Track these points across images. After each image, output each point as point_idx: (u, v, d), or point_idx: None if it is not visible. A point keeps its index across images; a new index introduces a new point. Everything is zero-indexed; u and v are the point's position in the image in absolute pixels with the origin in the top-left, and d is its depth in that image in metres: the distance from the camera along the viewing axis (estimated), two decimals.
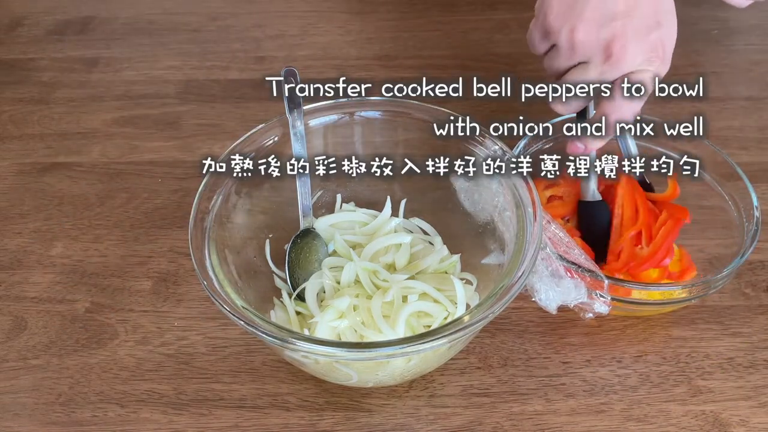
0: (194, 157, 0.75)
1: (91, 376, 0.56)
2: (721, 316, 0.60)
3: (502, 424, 0.53)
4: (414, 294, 0.55)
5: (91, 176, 0.73)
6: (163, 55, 0.89)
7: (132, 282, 0.63)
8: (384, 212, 0.62)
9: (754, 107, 0.80)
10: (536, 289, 0.53)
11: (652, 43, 0.54)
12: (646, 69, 0.54)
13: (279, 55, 0.88)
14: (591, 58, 0.55)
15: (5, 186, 0.72)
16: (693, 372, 0.56)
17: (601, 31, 0.54)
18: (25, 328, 0.60)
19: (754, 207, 0.58)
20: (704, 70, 0.84)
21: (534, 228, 0.51)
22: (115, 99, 0.82)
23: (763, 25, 0.92)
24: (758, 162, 0.73)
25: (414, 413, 0.54)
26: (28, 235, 0.67)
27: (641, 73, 0.54)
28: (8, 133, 0.78)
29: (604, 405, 0.54)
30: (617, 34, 0.53)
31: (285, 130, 0.57)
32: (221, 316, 0.59)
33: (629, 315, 0.59)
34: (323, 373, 0.52)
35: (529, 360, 0.57)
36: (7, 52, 0.90)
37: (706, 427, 0.53)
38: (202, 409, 0.54)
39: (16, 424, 0.54)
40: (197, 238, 0.51)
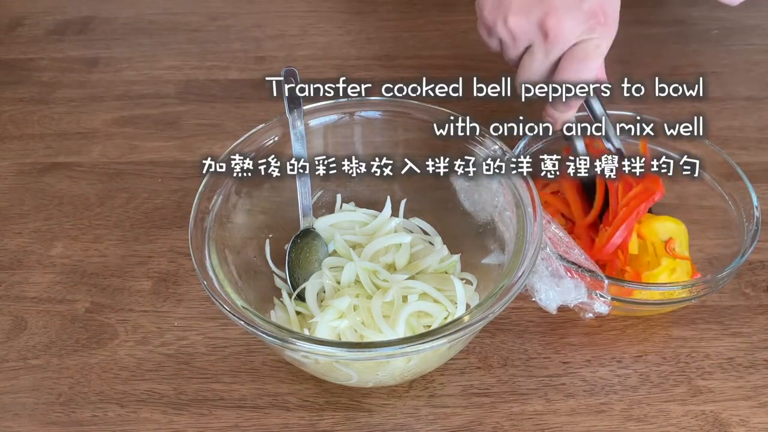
0: (194, 157, 0.75)
1: (91, 376, 0.56)
2: (721, 316, 0.60)
3: (502, 424, 0.53)
4: (414, 294, 0.55)
5: (91, 176, 0.73)
6: (163, 55, 0.89)
7: (132, 282, 0.63)
8: (384, 212, 0.62)
9: (754, 107, 0.80)
10: (536, 289, 0.53)
11: (588, 11, 0.54)
12: (590, 38, 0.54)
13: (279, 55, 0.88)
14: (533, 42, 0.55)
15: (5, 186, 0.72)
16: (693, 372, 0.56)
17: (532, 13, 0.54)
18: (25, 328, 0.60)
19: (754, 207, 0.58)
20: (704, 70, 0.84)
21: (534, 228, 0.51)
22: (115, 99, 0.82)
23: (763, 25, 0.92)
24: (758, 162, 0.73)
25: (414, 413, 0.54)
26: (28, 235, 0.67)
27: (585, 42, 0.54)
28: (8, 133, 0.78)
29: (604, 405, 0.54)
30: (548, 12, 0.54)
31: (285, 130, 0.57)
32: (221, 316, 0.59)
33: (629, 315, 0.59)
34: (323, 373, 0.52)
35: (529, 360, 0.57)
36: (7, 52, 0.90)
37: (706, 427, 0.53)
38: (202, 409, 0.54)
39: (16, 424, 0.54)
40: (197, 238, 0.51)
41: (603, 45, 0.55)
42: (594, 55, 0.55)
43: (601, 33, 0.54)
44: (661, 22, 0.91)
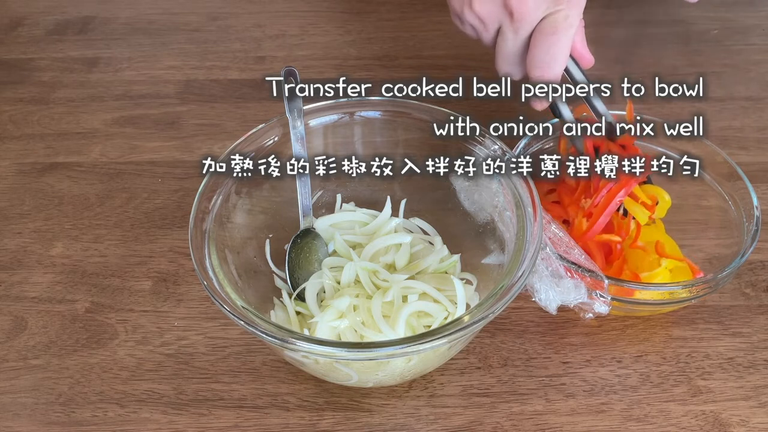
0: (194, 157, 0.75)
1: (91, 376, 0.56)
2: (721, 316, 0.60)
3: (502, 424, 0.53)
4: (414, 294, 0.55)
5: (91, 176, 0.73)
6: (163, 55, 0.89)
7: (132, 282, 0.63)
8: (384, 212, 0.62)
9: (754, 107, 0.80)
10: (536, 289, 0.53)
11: None
12: (556, 10, 0.54)
13: (279, 55, 0.88)
14: (501, 22, 0.56)
15: (5, 186, 0.72)
16: (693, 372, 0.56)
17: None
18: (25, 328, 0.60)
19: (754, 207, 0.58)
20: (704, 70, 0.84)
21: (534, 228, 0.51)
22: (115, 99, 0.82)
23: (763, 25, 0.92)
24: (758, 162, 0.73)
25: (414, 413, 0.54)
26: (28, 235, 0.67)
27: (552, 15, 0.54)
28: (8, 133, 0.78)
29: (604, 405, 0.54)
30: None
31: (285, 130, 0.57)
32: (221, 316, 0.59)
33: (629, 315, 0.59)
34: (323, 373, 0.52)
35: (529, 360, 0.57)
36: (7, 52, 0.90)
37: (706, 427, 0.53)
38: (202, 409, 0.54)
39: (16, 424, 0.54)
40: (197, 238, 0.51)
41: (572, 15, 0.55)
42: (563, 26, 0.54)
43: (567, 4, 0.54)
44: (661, 22, 0.91)
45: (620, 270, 0.58)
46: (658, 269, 0.57)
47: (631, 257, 0.59)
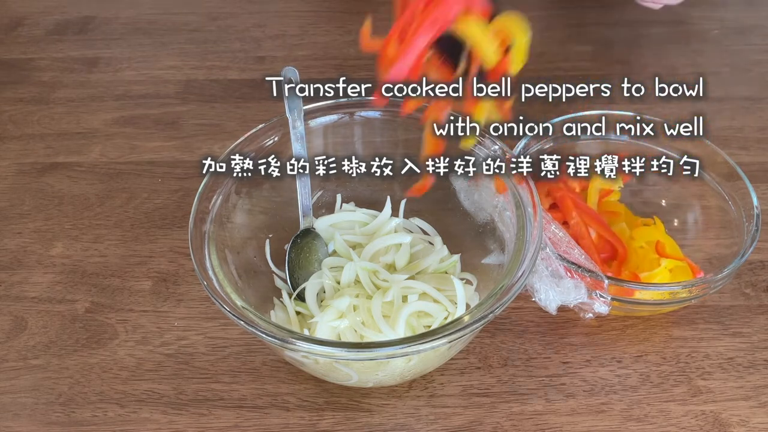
0: (194, 157, 0.75)
1: (91, 376, 0.56)
2: (721, 316, 0.60)
3: (502, 424, 0.53)
4: (414, 294, 0.55)
5: (91, 176, 0.73)
6: (163, 55, 0.89)
7: (132, 282, 0.63)
8: (384, 212, 0.62)
9: (754, 107, 0.80)
10: (536, 289, 0.53)
11: None
12: None
13: (279, 55, 0.88)
14: None
15: (5, 186, 0.72)
16: (693, 372, 0.56)
17: None
18: (25, 328, 0.60)
19: (754, 207, 0.58)
20: (704, 70, 0.84)
21: (534, 228, 0.51)
22: (115, 99, 0.82)
23: (763, 25, 0.92)
24: (758, 162, 0.73)
25: (414, 413, 0.54)
26: (28, 235, 0.67)
27: None
28: (8, 133, 0.78)
29: (604, 405, 0.54)
30: None
31: (285, 130, 0.57)
32: (221, 316, 0.59)
33: (629, 315, 0.59)
34: (323, 373, 0.52)
35: (529, 360, 0.57)
36: (7, 52, 0.90)
37: (706, 427, 0.53)
38: (202, 409, 0.54)
39: (16, 424, 0.54)
40: (197, 238, 0.51)
41: None
42: None
43: None
44: (661, 22, 0.91)
45: (620, 270, 0.58)
46: (658, 269, 0.57)
47: (632, 257, 0.59)
